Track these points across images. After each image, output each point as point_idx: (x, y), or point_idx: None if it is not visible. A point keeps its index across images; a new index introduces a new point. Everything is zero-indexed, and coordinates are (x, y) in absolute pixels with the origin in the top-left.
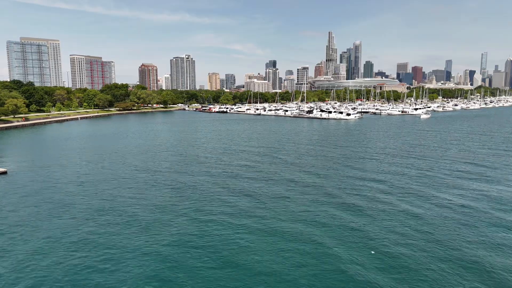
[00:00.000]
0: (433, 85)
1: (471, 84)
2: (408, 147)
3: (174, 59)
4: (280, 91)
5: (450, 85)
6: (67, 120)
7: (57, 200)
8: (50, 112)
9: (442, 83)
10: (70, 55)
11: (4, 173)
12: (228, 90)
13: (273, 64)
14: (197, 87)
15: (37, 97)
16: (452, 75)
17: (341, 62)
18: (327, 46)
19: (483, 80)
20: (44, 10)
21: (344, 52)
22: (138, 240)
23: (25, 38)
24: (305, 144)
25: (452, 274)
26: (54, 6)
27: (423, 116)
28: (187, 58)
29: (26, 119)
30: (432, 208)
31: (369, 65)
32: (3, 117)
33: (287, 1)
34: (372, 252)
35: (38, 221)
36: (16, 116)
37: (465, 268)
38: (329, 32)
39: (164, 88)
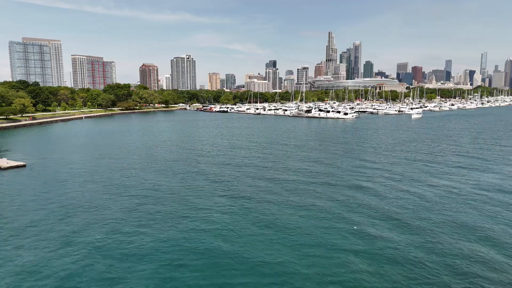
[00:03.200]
0: (433, 85)
1: (471, 84)
2: (393, 141)
3: (174, 59)
4: (280, 91)
5: (449, 85)
6: (72, 119)
7: (75, 189)
8: (55, 111)
9: (441, 83)
10: (72, 55)
11: (24, 166)
12: (228, 90)
13: (273, 64)
14: (198, 87)
15: (43, 97)
16: (452, 75)
17: (341, 62)
18: (327, 46)
19: (483, 80)
20: (44, 10)
21: (344, 52)
22: (158, 228)
23: (27, 38)
24: (304, 139)
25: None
26: (54, 6)
27: (414, 116)
28: (188, 58)
29: (33, 118)
30: (414, 189)
31: (369, 65)
32: (11, 116)
33: (287, 1)
34: (355, 227)
35: (58, 207)
36: (23, 115)
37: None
38: (329, 32)
39: (164, 88)
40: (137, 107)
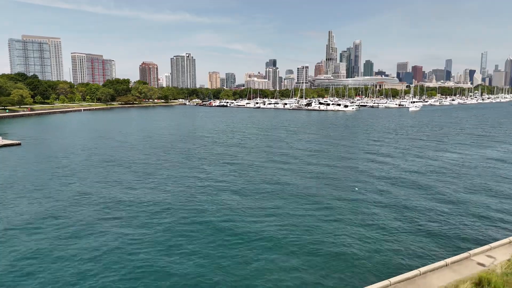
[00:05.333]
0: (433, 84)
1: (471, 84)
2: (395, 126)
3: (174, 58)
4: (279, 89)
5: (449, 84)
6: (70, 111)
7: (63, 164)
8: (54, 104)
9: (442, 83)
10: (71, 52)
11: (19, 144)
12: (228, 89)
13: (273, 63)
14: (198, 86)
15: (41, 89)
16: (452, 75)
17: (341, 61)
18: (327, 45)
19: (483, 79)
20: (44, 9)
21: (344, 51)
22: (146, 205)
23: (26, 36)
24: (306, 125)
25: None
26: (54, 6)
27: (412, 109)
28: (188, 56)
29: (32, 109)
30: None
31: (369, 64)
32: (9, 107)
33: (287, 1)
34: (356, 188)
35: (47, 180)
36: (21, 106)
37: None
38: (329, 31)
39: (164, 86)
40: (137, 102)
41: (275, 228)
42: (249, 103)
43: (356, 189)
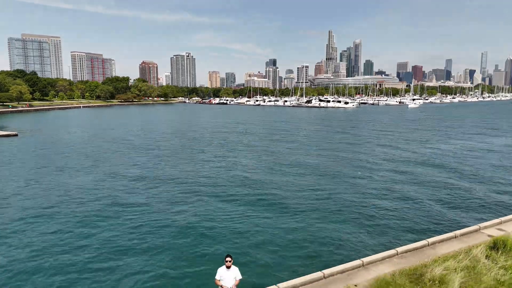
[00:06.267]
0: (433, 83)
1: (471, 83)
2: (396, 120)
3: (174, 57)
4: (280, 88)
5: (450, 83)
6: (69, 107)
7: (65, 152)
8: (53, 101)
9: (442, 82)
10: (71, 51)
11: (16, 135)
12: (228, 87)
13: (273, 62)
14: (197, 85)
15: (40, 86)
16: (452, 75)
17: (341, 60)
18: (327, 44)
19: (483, 79)
20: (44, 9)
21: (344, 51)
22: (143, 195)
23: (26, 35)
24: (306, 119)
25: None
26: (54, 5)
27: (411, 106)
28: (187, 56)
29: (30, 105)
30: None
31: (369, 64)
32: (11, 103)
33: (287, 1)
34: (359, 172)
35: (42, 168)
36: (20, 102)
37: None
38: (329, 31)
39: (164, 85)
40: (136, 100)
41: (289, 197)
42: (249, 101)
43: (359, 173)
